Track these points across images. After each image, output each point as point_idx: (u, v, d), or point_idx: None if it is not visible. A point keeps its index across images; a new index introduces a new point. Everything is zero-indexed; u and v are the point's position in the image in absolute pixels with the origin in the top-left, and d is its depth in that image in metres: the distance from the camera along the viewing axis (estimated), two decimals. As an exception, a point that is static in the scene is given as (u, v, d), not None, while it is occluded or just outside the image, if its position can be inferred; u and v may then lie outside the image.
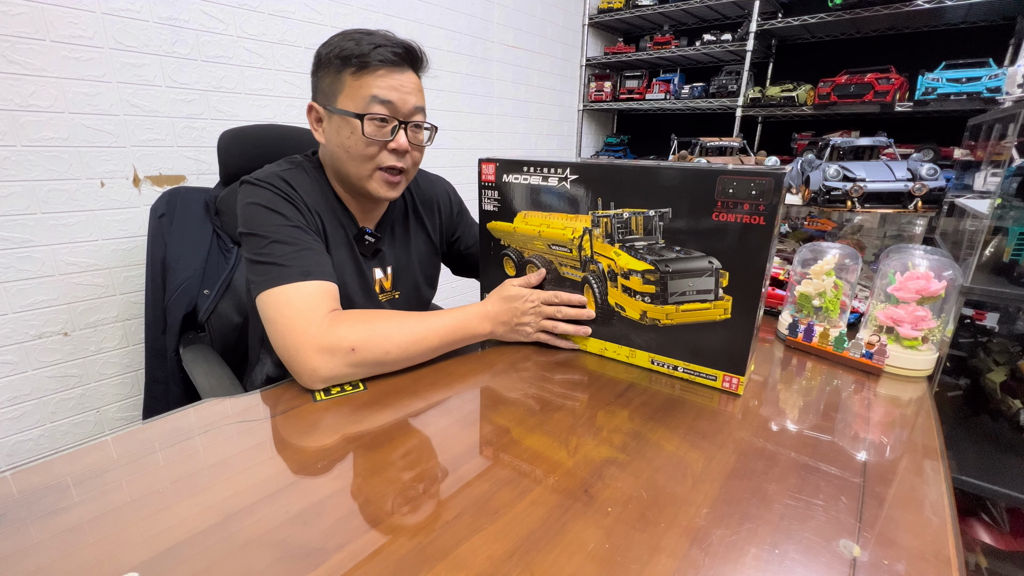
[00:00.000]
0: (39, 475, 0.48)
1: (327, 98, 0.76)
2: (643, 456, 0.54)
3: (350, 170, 0.78)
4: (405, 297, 0.94)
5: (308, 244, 0.72)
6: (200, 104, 1.37)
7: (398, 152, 0.77)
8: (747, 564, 0.40)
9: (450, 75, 2.12)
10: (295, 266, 0.69)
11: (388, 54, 0.73)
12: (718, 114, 2.78)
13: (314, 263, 0.70)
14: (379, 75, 0.73)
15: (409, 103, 0.76)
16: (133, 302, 1.34)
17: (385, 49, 0.73)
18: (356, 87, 0.73)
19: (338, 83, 0.74)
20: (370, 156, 0.76)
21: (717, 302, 0.66)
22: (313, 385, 0.65)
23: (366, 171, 0.77)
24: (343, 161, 0.78)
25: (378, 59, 0.72)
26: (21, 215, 1.14)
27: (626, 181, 0.69)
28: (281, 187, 0.75)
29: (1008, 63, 1.99)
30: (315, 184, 0.81)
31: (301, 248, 0.71)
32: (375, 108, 0.73)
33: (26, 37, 1.09)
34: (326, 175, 0.83)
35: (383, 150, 0.76)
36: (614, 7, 2.72)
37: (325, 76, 0.76)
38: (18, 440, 1.24)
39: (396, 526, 0.43)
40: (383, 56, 0.72)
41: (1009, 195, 1.12)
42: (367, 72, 0.73)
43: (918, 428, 0.62)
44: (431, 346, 0.72)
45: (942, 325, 0.76)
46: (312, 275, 0.69)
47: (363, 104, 0.73)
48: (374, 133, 0.74)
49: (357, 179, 0.78)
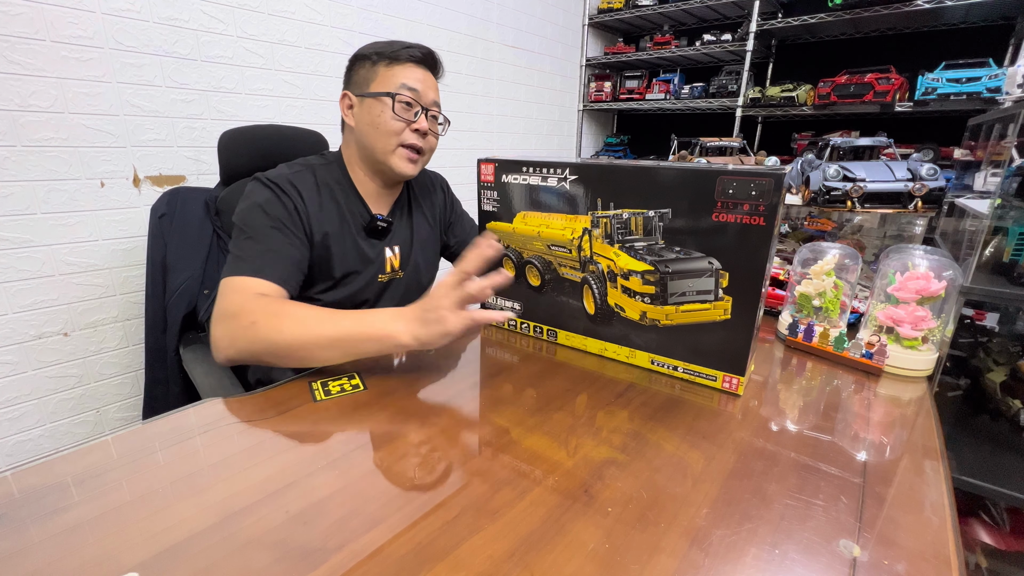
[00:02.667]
0: (39, 475, 0.48)
1: (361, 86, 0.88)
2: (643, 456, 0.54)
3: (377, 145, 0.88)
4: (408, 277, 1.00)
5: (275, 247, 0.78)
6: (200, 104, 1.37)
7: (420, 132, 0.88)
8: (747, 564, 0.40)
9: (450, 75, 2.10)
10: (251, 262, 0.75)
11: (416, 53, 0.88)
12: (718, 114, 2.78)
13: (269, 264, 0.76)
14: (408, 68, 0.87)
15: (430, 95, 0.89)
16: (133, 302, 1.34)
17: (414, 50, 0.88)
18: (388, 75, 0.86)
19: (372, 73, 0.87)
20: (396, 132, 0.87)
21: (717, 302, 0.66)
22: (217, 356, 0.70)
23: (391, 145, 0.87)
24: (372, 137, 0.87)
25: (407, 56, 0.87)
26: (21, 215, 1.14)
27: (626, 181, 0.69)
28: (284, 188, 0.82)
29: (1008, 63, 1.99)
30: (324, 184, 0.88)
31: (265, 249, 0.77)
32: (404, 92, 0.86)
33: (26, 37, 1.09)
34: (344, 168, 0.93)
35: (407, 128, 0.87)
36: (614, 7, 2.72)
37: (360, 69, 0.88)
38: (18, 440, 1.24)
39: (396, 526, 0.43)
40: (412, 54, 0.88)
41: (1009, 195, 1.12)
42: (398, 64, 0.87)
43: (918, 428, 0.62)
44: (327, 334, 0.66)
45: (942, 325, 0.76)
46: (262, 273, 0.75)
47: (395, 87, 0.86)
48: (402, 111, 0.86)
49: (383, 154, 0.88)
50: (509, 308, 0.88)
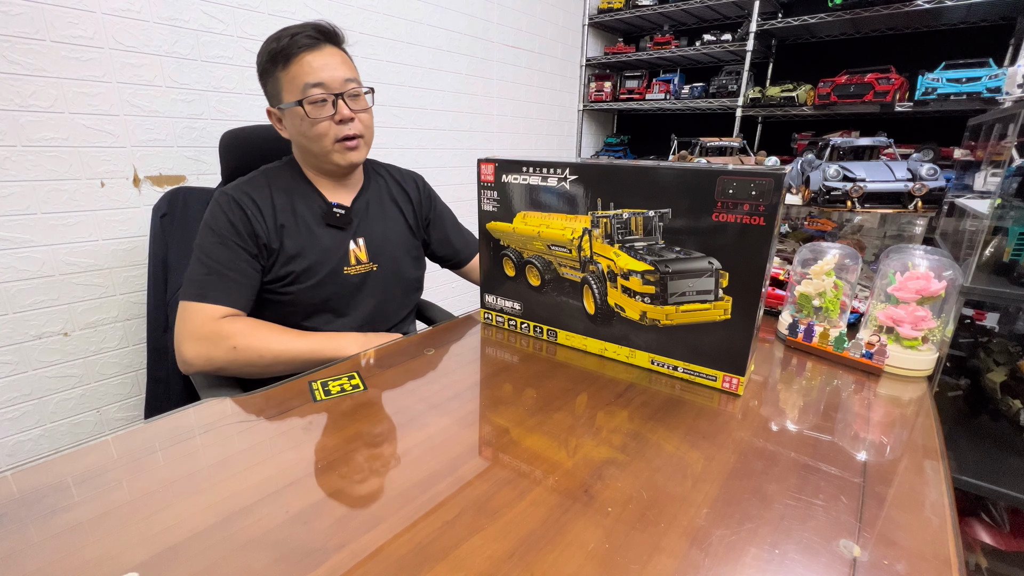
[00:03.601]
0: (39, 475, 0.48)
1: (275, 99, 0.87)
2: (643, 456, 0.54)
3: (315, 150, 0.88)
4: (384, 271, 1.00)
5: (219, 268, 0.82)
6: (200, 104, 1.37)
7: (344, 121, 0.86)
8: (747, 564, 0.40)
9: (450, 75, 2.12)
10: (197, 286, 0.81)
11: (304, 40, 0.82)
12: (718, 114, 2.78)
13: (211, 286, 0.81)
14: (304, 61, 0.82)
15: (338, 77, 0.84)
16: (133, 302, 1.34)
17: (301, 36, 0.82)
18: (289, 80, 0.83)
19: (277, 83, 0.85)
20: (323, 133, 0.86)
21: (717, 302, 0.66)
22: (184, 369, 0.78)
23: (327, 146, 0.87)
24: (306, 145, 0.88)
25: (298, 47, 0.82)
26: (21, 215, 1.14)
27: (626, 181, 0.69)
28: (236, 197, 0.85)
29: (1008, 63, 1.99)
30: (276, 184, 0.90)
31: (209, 272, 0.82)
32: (311, 92, 0.83)
33: (26, 37, 1.09)
34: (297, 166, 0.94)
35: (332, 124, 0.86)
36: (614, 7, 2.72)
37: (267, 81, 0.87)
38: (18, 440, 1.24)
39: (396, 526, 0.43)
40: (301, 43, 0.82)
41: (1009, 195, 1.12)
42: (293, 63, 0.83)
43: (918, 428, 0.62)
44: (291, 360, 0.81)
45: (942, 325, 0.76)
46: (206, 298, 0.80)
47: (300, 92, 0.83)
48: (317, 112, 0.84)
49: (323, 156, 0.89)
50: (508, 306, 0.88)
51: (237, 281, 0.83)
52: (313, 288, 0.91)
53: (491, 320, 0.91)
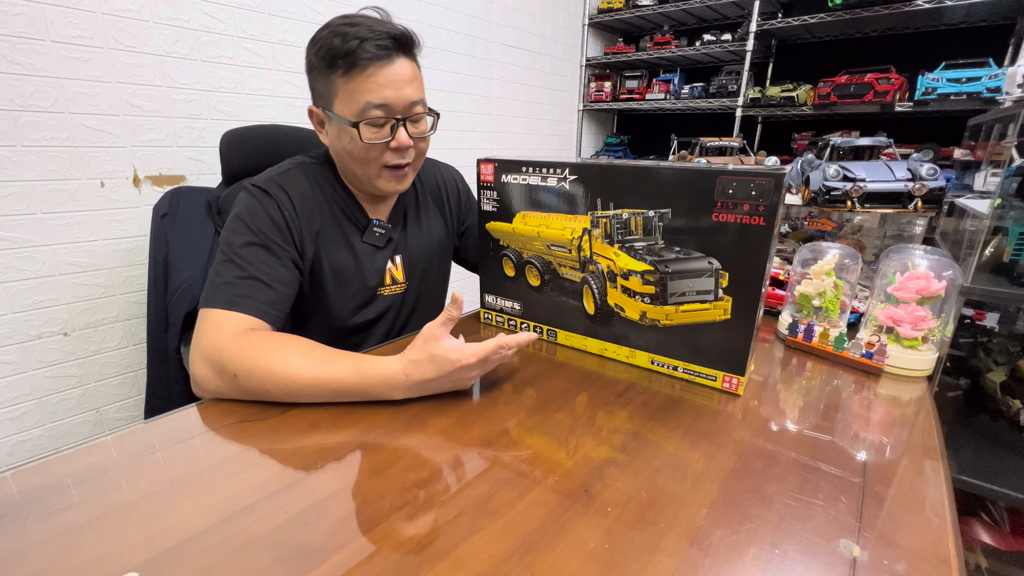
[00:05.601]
0: (39, 475, 0.48)
1: (324, 101, 0.75)
2: (643, 456, 0.54)
3: (357, 171, 0.79)
4: (414, 289, 0.93)
5: (254, 272, 0.70)
6: (200, 104, 1.37)
7: (400, 150, 0.76)
8: (747, 564, 0.40)
9: (450, 75, 2.12)
10: (227, 291, 0.68)
11: (374, 48, 0.69)
12: (718, 114, 2.78)
13: (246, 293, 0.69)
14: (369, 74, 0.70)
15: (404, 98, 0.73)
16: (133, 302, 1.34)
17: (370, 43, 0.69)
18: (349, 92, 0.71)
19: (331, 86, 0.72)
20: (373, 158, 0.76)
21: (717, 302, 0.66)
22: (199, 393, 0.65)
23: (373, 171, 0.78)
24: (350, 164, 0.79)
25: (365, 57, 0.69)
26: (21, 215, 1.14)
27: (625, 181, 0.69)
28: (271, 192, 0.75)
29: (1008, 63, 1.99)
30: (316, 184, 0.81)
31: (244, 275, 0.70)
32: (371, 113, 0.71)
33: (26, 37, 1.09)
34: (336, 171, 0.84)
35: (386, 149, 0.76)
36: (614, 7, 2.72)
37: (318, 78, 0.74)
38: (18, 440, 1.24)
39: (396, 526, 0.43)
40: (369, 52, 0.69)
41: (1009, 195, 1.12)
42: (356, 73, 0.70)
43: (918, 428, 0.62)
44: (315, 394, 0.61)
45: (942, 325, 0.76)
46: (238, 306, 0.68)
47: (358, 110, 0.71)
48: (373, 137, 0.73)
49: (365, 179, 0.80)
50: (508, 306, 0.88)
51: (272, 293, 0.71)
52: (340, 307, 0.84)
53: (491, 320, 0.91)
